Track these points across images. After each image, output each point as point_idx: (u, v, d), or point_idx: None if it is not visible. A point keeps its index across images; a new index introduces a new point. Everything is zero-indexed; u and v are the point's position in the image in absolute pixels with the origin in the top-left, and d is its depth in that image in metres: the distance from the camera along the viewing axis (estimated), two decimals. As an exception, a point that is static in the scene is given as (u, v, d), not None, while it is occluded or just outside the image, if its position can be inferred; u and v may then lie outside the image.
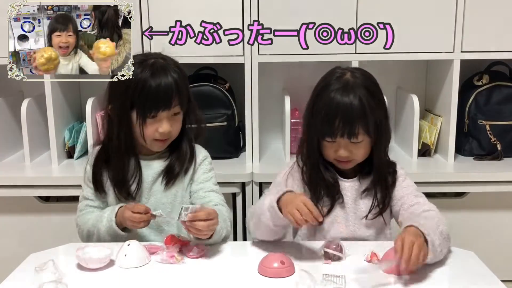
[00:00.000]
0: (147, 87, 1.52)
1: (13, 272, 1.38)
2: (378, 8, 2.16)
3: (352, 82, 1.49)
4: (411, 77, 2.57)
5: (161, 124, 1.56)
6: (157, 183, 1.64)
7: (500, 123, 2.32)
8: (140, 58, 1.57)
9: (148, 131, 1.56)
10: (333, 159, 1.54)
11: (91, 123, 2.20)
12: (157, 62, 1.56)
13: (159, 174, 1.64)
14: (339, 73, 1.53)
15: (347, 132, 1.46)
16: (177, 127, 1.61)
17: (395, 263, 1.29)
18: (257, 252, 1.47)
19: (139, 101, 1.54)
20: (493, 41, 2.21)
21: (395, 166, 1.61)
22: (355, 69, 1.58)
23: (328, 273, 1.32)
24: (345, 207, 1.57)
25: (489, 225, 2.23)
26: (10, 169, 2.24)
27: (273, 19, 2.15)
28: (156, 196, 1.63)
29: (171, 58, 1.62)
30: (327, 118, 1.47)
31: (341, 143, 1.49)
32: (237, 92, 2.38)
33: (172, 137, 1.62)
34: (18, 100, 2.35)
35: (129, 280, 1.32)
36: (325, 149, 1.54)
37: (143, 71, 1.53)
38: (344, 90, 1.47)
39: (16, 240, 2.18)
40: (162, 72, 1.54)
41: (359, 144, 1.50)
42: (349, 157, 1.51)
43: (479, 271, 1.38)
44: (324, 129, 1.49)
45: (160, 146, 1.62)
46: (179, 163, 1.63)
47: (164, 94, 1.53)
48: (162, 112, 1.55)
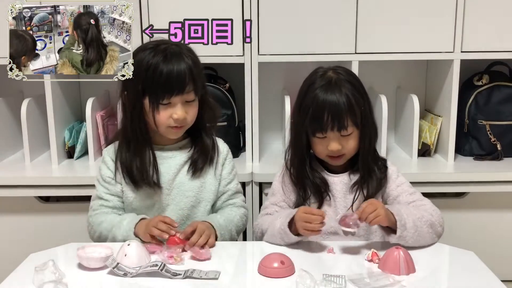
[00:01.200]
0: (158, 72, 1.50)
1: (13, 272, 1.38)
2: (378, 8, 2.16)
3: (335, 78, 1.55)
4: (411, 77, 2.57)
5: (175, 110, 1.53)
6: (180, 175, 1.62)
7: (500, 123, 2.32)
8: (153, 44, 1.56)
9: (162, 118, 1.53)
10: (325, 155, 1.57)
11: (91, 123, 2.20)
12: (169, 48, 1.54)
13: (182, 166, 1.62)
14: (322, 72, 1.59)
15: (336, 125, 1.51)
16: (192, 113, 1.57)
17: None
18: (257, 252, 1.47)
19: (151, 87, 1.51)
20: (493, 41, 2.21)
21: (385, 162, 1.64)
22: (336, 67, 1.61)
23: (328, 273, 1.33)
24: (335, 202, 1.59)
25: (489, 225, 2.23)
26: (10, 169, 2.24)
27: (273, 19, 2.15)
28: (179, 189, 1.61)
29: (184, 44, 1.62)
30: (316, 114, 1.52)
31: (332, 137, 1.53)
32: (237, 92, 2.38)
33: (188, 124, 1.59)
34: (18, 100, 2.35)
35: (129, 280, 1.32)
36: (316, 146, 1.57)
37: (155, 56, 1.51)
38: (328, 86, 1.53)
39: (16, 240, 2.18)
40: (174, 57, 1.52)
41: (349, 137, 1.54)
42: (341, 151, 1.55)
43: (479, 271, 1.38)
44: (314, 125, 1.53)
45: (175, 133, 1.59)
46: (204, 154, 1.63)
47: (177, 78, 1.51)
48: (175, 97, 1.52)
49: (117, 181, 1.61)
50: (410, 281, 1.30)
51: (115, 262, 1.34)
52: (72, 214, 2.13)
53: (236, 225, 1.64)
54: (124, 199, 1.62)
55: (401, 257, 1.33)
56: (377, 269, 1.36)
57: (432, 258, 1.45)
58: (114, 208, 1.62)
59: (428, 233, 1.48)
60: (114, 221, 1.56)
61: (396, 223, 1.43)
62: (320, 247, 1.49)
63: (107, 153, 1.64)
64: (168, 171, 1.61)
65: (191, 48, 1.60)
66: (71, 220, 2.11)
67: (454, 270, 1.44)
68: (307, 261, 1.41)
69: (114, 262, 1.34)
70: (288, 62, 2.28)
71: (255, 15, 2.16)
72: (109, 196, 1.62)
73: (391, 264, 1.34)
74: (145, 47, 1.57)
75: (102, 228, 1.57)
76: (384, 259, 1.36)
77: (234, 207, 1.68)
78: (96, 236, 1.59)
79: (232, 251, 1.53)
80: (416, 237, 1.45)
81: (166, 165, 1.61)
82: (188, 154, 1.63)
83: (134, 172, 1.58)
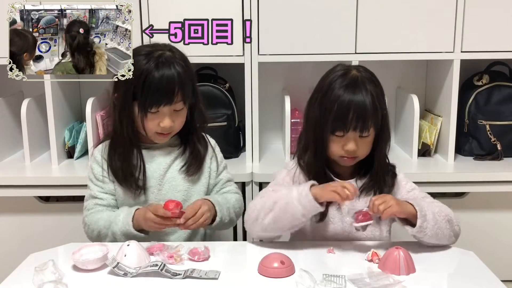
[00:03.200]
0: (149, 79, 1.52)
1: (13, 272, 1.38)
2: (378, 8, 2.16)
3: (360, 77, 1.50)
4: (411, 77, 2.57)
5: (163, 119, 1.56)
6: (170, 171, 1.64)
7: (500, 123, 2.32)
8: (147, 50, 1.57)
9: (149, 125, 1.57)
10: (339, 155, 1.52)
11: (91, 123, 2.20)
12: (163, 54, 1.55)
13: (173, 161, 1.65)
14: (343, 70, 1.53)
15: (359, 126, 1.47)
16: (179, 121, 1.60)
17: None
18: (257, 252, 1.47)
19: (141, 94, 1.53)
20: (493, 41, 2.21)
21: (394, 169, 1.62)
22: (358, 66, 1.58)
23: (328, 273, 1.33)
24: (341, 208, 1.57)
25: (489, 225, 2.23)
26: (10, 169, 2.24)
27: (273, 19, 2.15)
28: (171, 184, 1.63)
29: (179, 51, 1.61)
30: (340, 113, 1.47)
31: (351, 136, 1.49)
32: (237, 92, 2.38)
33: (175, 131, 1.62)
34: (18, 100, 2.35)
35: (129, 280, 1.32)
36: (332, 145, 1.52)
37: (148, 63, 1.53)
38: (354, 86, 1.48)
39: (16, 240, 2.18)
40: (166, 65, 1.53)
41: (366, 139, 1.51)
42: (356, 152, 1.51)
43: (479, 271, 1.38)
44: (336, 123, 1.48)
45: (161, 139, 1.62)
46: (198, 159, 1.66)
47: (166, 87, 1.53)
48: (163, 107, 1.54)
49: (110, 179, 1.63)
50: (410, 281, 1.30)
51: (115, 261, 1.34)
52: (72, 214, 2.13)
53: (234, 206, 1.67)
54: (117, 196, 1.64)
55: (401, 257, 1.33)
56: (377, 269, 1.36)
57: (432, 258, 1.45)
58: (109, 206, 1.63)
59: (446, 229, 1.46)
60: (111, 218, 1.57)
61: (416, 213, 1.42)
62: (320, 247, 1.49)
63: (98, 152, 1.66)
64: (159, 167, 1.64)
65: (185, 55, 1.61)
66: (71, 220, 2.11)
67: (454, 270, 1.44)
68: (307, 261, 1.41)
69: (114, 262, 1.34)
70: (288, 62, 2.28)
71: (255, 15, 2.16)
72: (103, 194, 1.63)
73: (391, 264, 1.34)
74: (140, 51, 1.57)
75: (100, 226, 1.58)
76: (384, 259, 1.36)
77: (228, 193, 1.71)
78: (95, 234, 1.60)
79: (232, 251, 1.53)
80: (436, 230, 1.43)
81: (156, 162, 1.64)
82: (178, 151, 1.67)
83: (120, 174, 1.61)
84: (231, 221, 1.66)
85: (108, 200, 1.63)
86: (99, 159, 1.65)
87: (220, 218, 1.58)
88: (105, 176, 1.63)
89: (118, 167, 1.61)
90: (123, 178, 1.61)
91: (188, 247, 1.45)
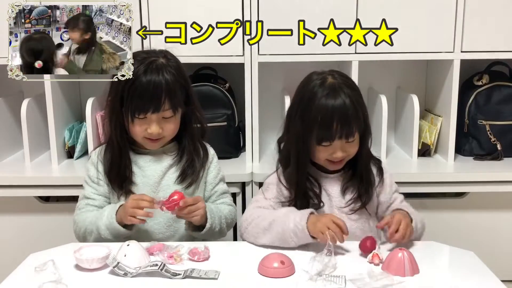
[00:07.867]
0: (136, 85, 1.52)
1: (13, 272, 1.38)
2: (378, 8, 2.16)
3: (336, 84, 1.52)
4: (411, 77, 2.57)
5: (150, 125, 1.55)
6: (166, 178, 1.64)
7: (500, 123, 2.32)
8: (142, 56, 1.57)
9: (137, 130, 1.57)
10: (325, 160, 1.56)
11: (91, 123, 2.20)
12: (155, 61, 1.55)
13: (168, 169, 1.64)
14: (320, 79, 1.55)
15: (345, 133, 1.50)
16: (169, 129, 1.59)
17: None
18: (257, 252, 1.47)
19: (128, 99, 1.53)
20: (493, 41, 2.21)
21: (381, 163, 1.66)
22: (331, 71, 1.59)
23: (328, 273, 1.32)
24: (331, 202, 1.59)
25: (489, 225, 2.23)
26: (10, 169, 2.24)
27: (273, 19, 2.15)
28: (165, 192, 1.61)
29: (174, 59, 1.60)
30: (324, 123, 1.49)
31: (337, 145, 1.52)
32: (237, 92, 2.38)
33: (166, 138, 1.62)
34: (18, 100, 2.35)
35: (129, 280, 1.32)
36: (318, 153, 1.55)
37: (138, 67, 1.53)
38: (334, 93, 1.50)
39: (16, 240, 2.18)
40: (155, 71, 1.53)
41: (353, 143, 1.54)
42: (344, 157, 1.54)
43: (479, 271, 1.38)
44: (321, 134, 1.50)
45: (152, 145, 1.62)
46: (194, 169, 1.64)
47: (153, 94, 1.52)
48: (151, 115, 1.54)
49: (104, 182, 1.64)
50: (410, 281, 1.30)
51: (115, 261, 1.34)
52: (72, 214, 2.11)
53: (226, 217, 1.66)
54: (111, 199, 1.65)
55: (406, 258, 1.34)
56: (377, 269, 1.36)
57: (432, 258, 1.45)
58: (100, 208, 1.63)
59: (422, 232, 1.59)
60: (97, 215, 1.58)
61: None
62: (320, 247, 1.49)
63: (95, 154, 1.67)
64: (154, 174, 1.64)
65: (180, 64, 1.61)
66: (71, 220, 2.09)
67: (454, 270, 1.44)
68: (307, 261, 1.41)
69: (114, 261, 1.34)
70: (288, 62, 2.28)
71: (255, 15, 2.16)
72: (96, 196, 1.64)
73: (396, 265, 1.34)
74: (135, 56, 1.57)
75: (87, 223, 1.59)
76: (388, 260, 1.36)
77: (222, 205, 1.71)
78: (82, 232, 1.61)
79: (232, 251, 1.53)
80: (416, 236, 1.54)
81: (152, 168, 1.64)
82: (175, 159, 1.65)
83: (111, 177, 1.62)
84: (221, 231, 1.64)
85: (101, 201, 1.64)
86: (95, 161, 1.65)
87: (210, 225, 1.57)
88: (100, 178, 1.64)
89: (108, 170, 1.62)
90: (113, 182, 1.61)
91: (188, 247, 1.46)
